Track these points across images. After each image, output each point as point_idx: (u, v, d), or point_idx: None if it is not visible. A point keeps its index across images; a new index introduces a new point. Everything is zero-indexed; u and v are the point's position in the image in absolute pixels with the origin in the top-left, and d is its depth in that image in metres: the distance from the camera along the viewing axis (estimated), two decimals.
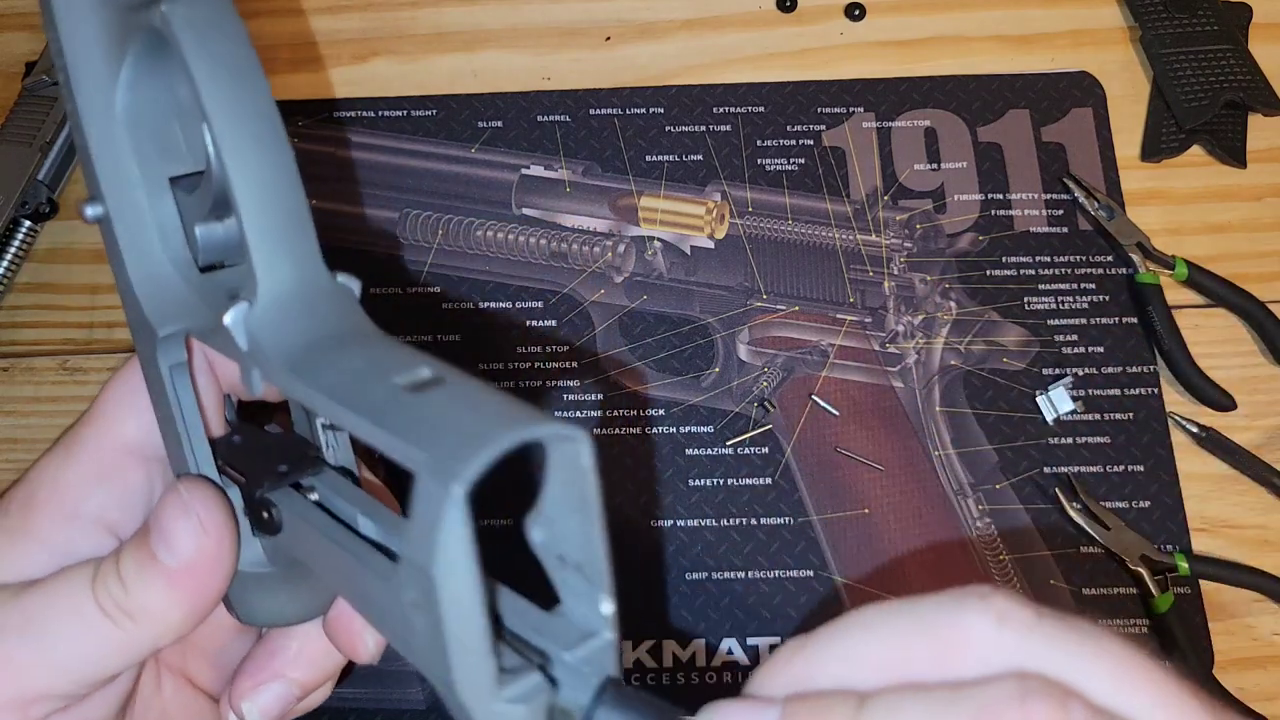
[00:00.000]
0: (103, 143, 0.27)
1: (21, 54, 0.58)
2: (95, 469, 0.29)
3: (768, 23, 0.59)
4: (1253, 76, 0.56)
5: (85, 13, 0.26)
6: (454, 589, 0.20)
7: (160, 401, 0.28)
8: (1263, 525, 0.50)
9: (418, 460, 0.20)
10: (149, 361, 0.28)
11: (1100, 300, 0.53)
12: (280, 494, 0.27)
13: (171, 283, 0.27)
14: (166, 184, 0.27)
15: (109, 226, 0.27)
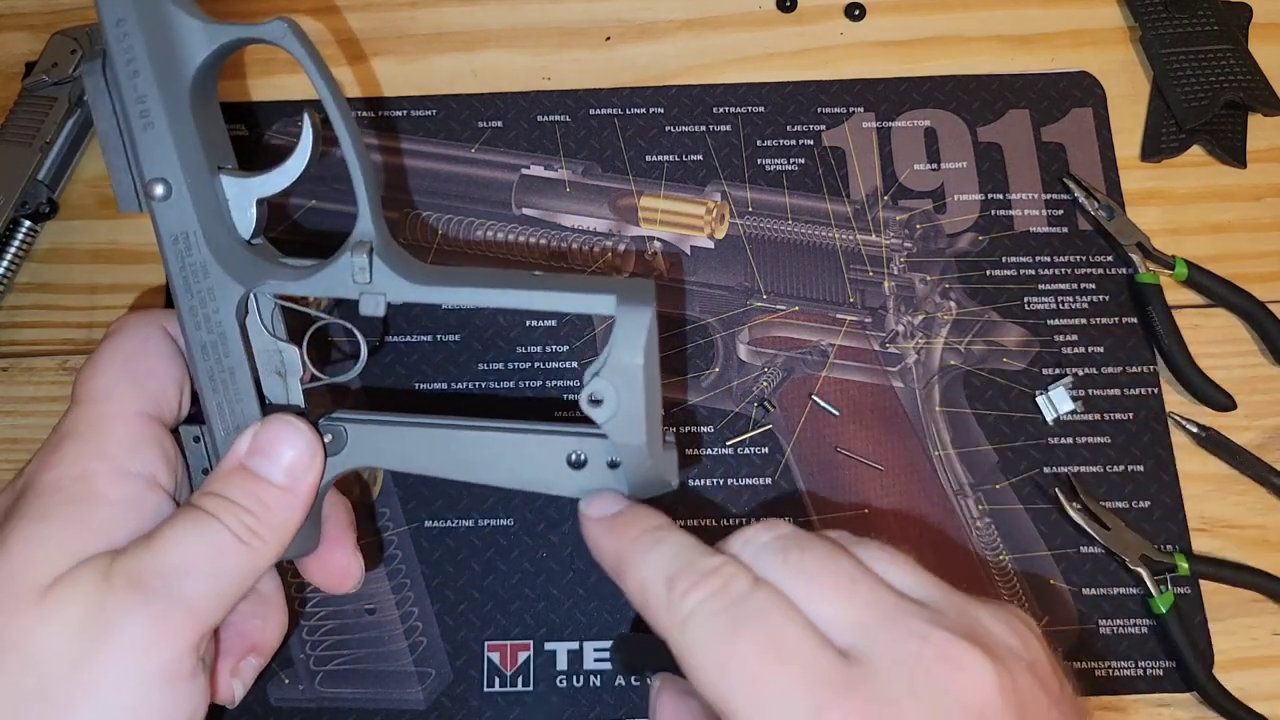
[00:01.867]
0: (178, 127, 0.31)
1: (21, 54, 0.58)
2: (132, 435, 0.32)
3: (768, 23, 0.59)
4: (1253, 76, 0.56)
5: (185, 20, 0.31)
6: (650, 375, 0.31)
7: (219, 358, 0.33)
8: (1262, 525, 0.50)
9: (605, 302, 0.31)
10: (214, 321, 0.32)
11: (1100, 300, 0.53)
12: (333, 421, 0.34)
13: (235, 250, 0.33)
14: (216, 170, 0.33)
15: (176, 205, 0.31)
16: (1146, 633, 0.48)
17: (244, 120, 0.56)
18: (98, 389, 0.33)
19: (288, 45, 0.31)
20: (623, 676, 0.47)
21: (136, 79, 0.31)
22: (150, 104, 0.31)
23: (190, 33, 0.31)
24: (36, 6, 0.60)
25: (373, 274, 0.32)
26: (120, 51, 0.31)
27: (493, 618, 0.48)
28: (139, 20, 0.30)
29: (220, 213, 0.33)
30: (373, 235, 0.32)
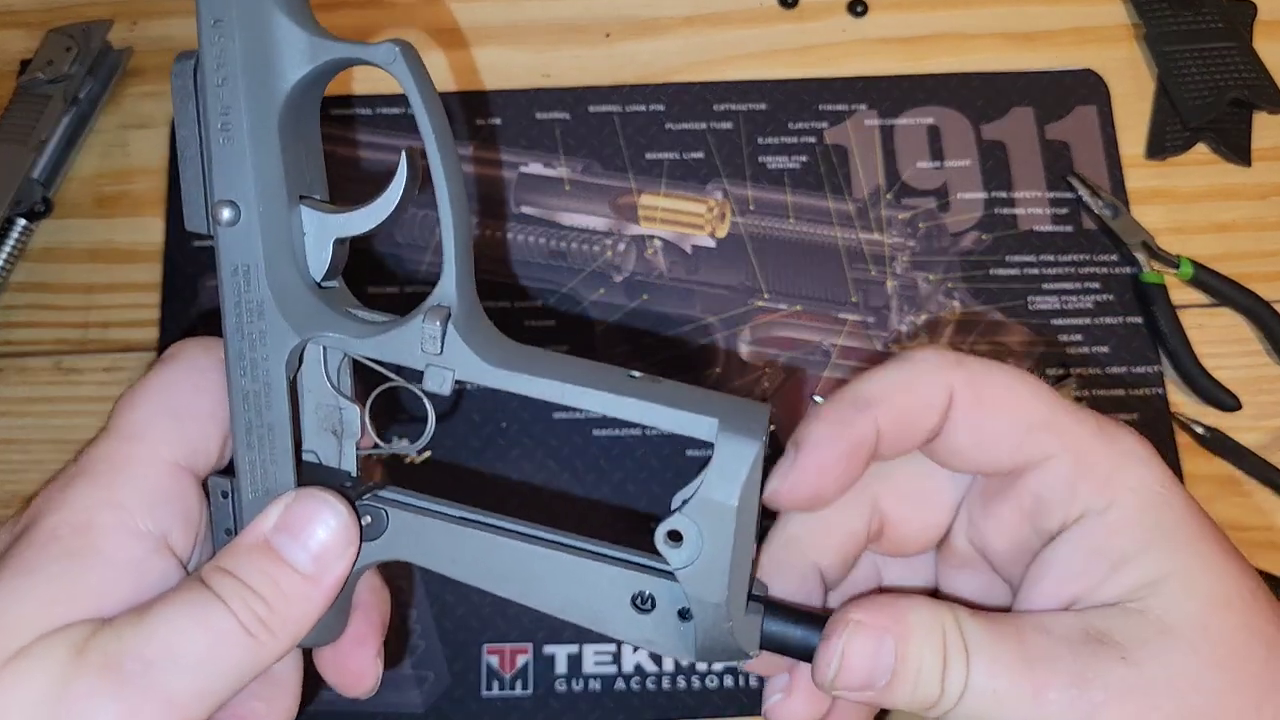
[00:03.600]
0: (261, 147, 0.28)
1: (16, 52, 0.58)
2: (154, 486, 0.29)
3: (769, 19, 0.58)
4: (1257, 74, 0.55)
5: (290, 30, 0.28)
6: (745, 521, 0.27)
7: (259, 411, 0.29)
8: (1268, 527, 0.49)
9: (706, 426, 0.26)
10: (262, 369, 0.29)
11: (1104, 300, 0.52)
12: (378, 499, 0.30)
13: (299, 293, 0.29)
14: (298, 200, 0.29)
15: (243, 233, 0.28)
16: None
17: None
18: (132, 423, 0.29)
19: (396, 72, 0.27)
20: (623, 679, 0.47)
21: (224, 87, 0.27)
22: (234, 117, 0.27)
23: (292, 45, 0.28)
24: (32, 4, 0.59)
25: (444, 346, 0.27)
26: (212, 54, 0.27)
27: (491, 621, 0.47)
28: (239, 22, 0.27)
29: (292, 248, 0.29)
30: (454, 301, 0.28)
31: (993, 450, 0.28)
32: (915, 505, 0.30)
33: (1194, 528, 0.26)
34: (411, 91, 0.28)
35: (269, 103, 0.28)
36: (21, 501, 0.49)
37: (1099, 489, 0.26)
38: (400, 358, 0.28)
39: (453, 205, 0.28)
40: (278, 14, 0.28)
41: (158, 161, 0.56)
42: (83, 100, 0.56)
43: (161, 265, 0.53)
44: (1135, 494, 0.26)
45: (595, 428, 0.50)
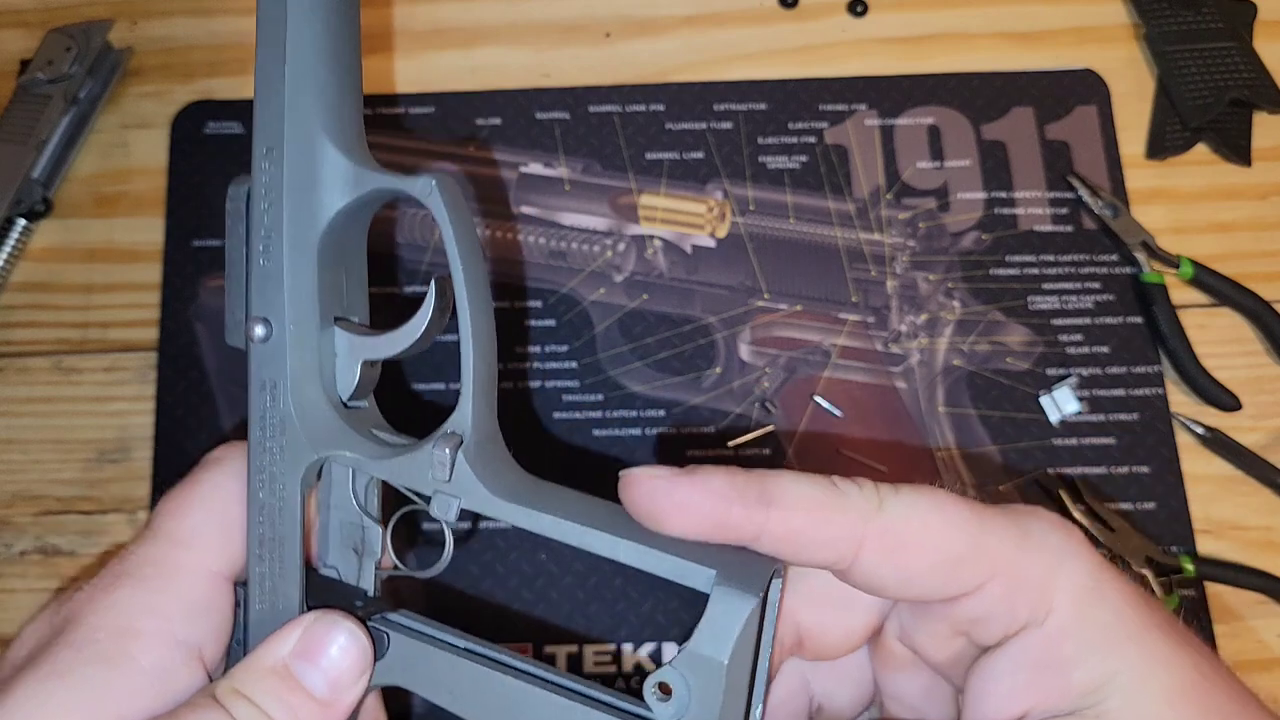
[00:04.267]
0: (297, 270, 0.29)
1: (16, 52, 0.58)
2: (197, 598, 0.29)
3: (769, 19, 0.58)
4: (1257, 74, 0.55)
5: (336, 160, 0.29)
6: (737, 680, 0.26)
7: (272, 524, 0.29)
8: (1268, 527, 0.49)
9: (703, 575, 0.26)
10: (279, 483, 0.29)
11: (1105, 300, 0.52)
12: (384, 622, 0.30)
13: (322, 411, 0.29)
14: (332, 321, 0.30)
15: (273, 350, 0.29)
16: None
17: (240, 118, 0.56)
18: (181, 530, 0.30)
19: (432, 205, 0.28)
20: (623, 680, 0.47)
21: (269, 211, 0.29)
22: (274, 240, 0.28)
23: (336, 174, 0.29)
24: (32, 4, 0.59)
25: (453, 473, 0.28)
26: (261, 180, 0.28)
27: (491, 621, 0.47)
28: (288, 151, 0.28)
29: (321, 367, 0.29)
30: (467, 430, 0.28)
31: (918, 587, 0.27)
32: (833, 611, 0.29)
33: (1134, 618, 0.25)
34: (445, 224, 0.28)
35: (310, 228, 0.29)
36: (20, 500, 0.49)
37: (1035, 602, 0.26)
38: (412, 481, 0.28)
39: (476, 339, 0.28)
40: (327, 144, 0.29)
41: (157, 161, 0.55)
42: (83, 100, 0.56)
43: (161, 265, 0.53)
44: (1070, 595, 0.26)
45: (596, 428, 0.50)
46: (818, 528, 0.26)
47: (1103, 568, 0.26)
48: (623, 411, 0.50)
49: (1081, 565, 0.26)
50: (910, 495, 0.26)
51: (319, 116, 0.28)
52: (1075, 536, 0.26)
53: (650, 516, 0.26)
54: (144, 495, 0.50)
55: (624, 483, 0.26)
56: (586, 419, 0.50)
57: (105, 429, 0.51)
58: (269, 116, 0.28)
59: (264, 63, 0.28)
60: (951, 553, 0.26)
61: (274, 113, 0.28)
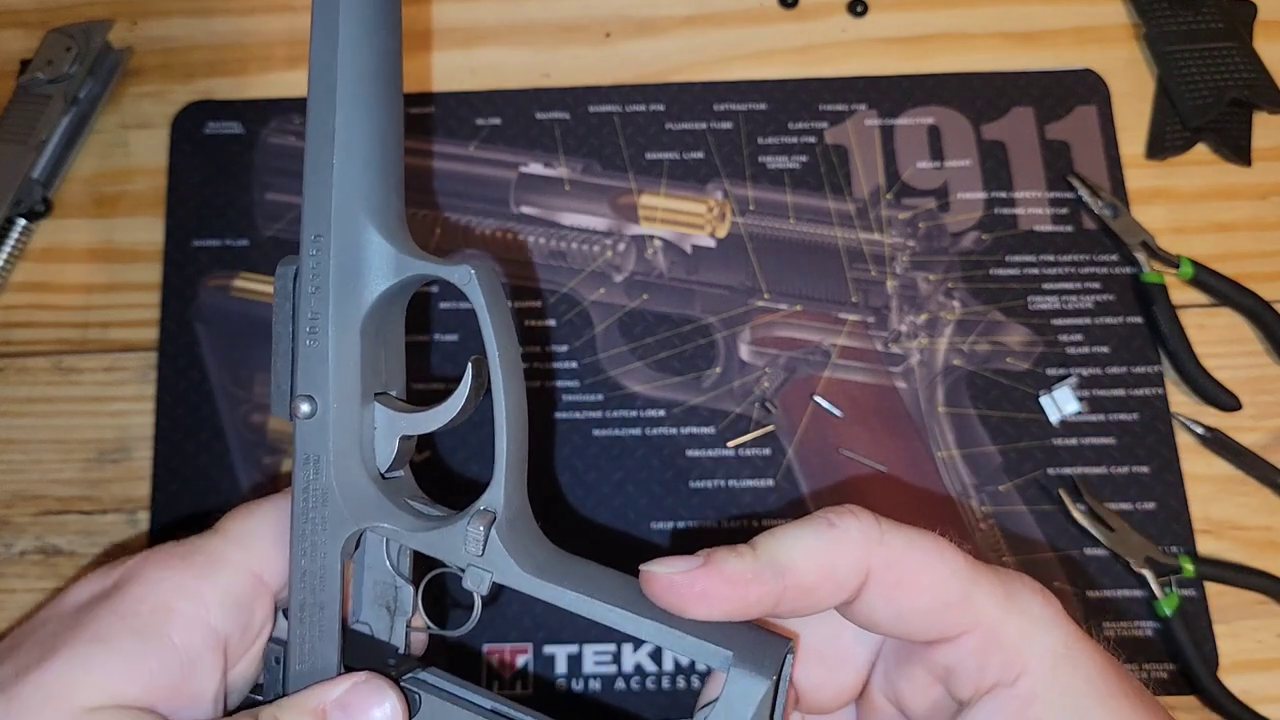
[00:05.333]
0: (341, 350, 0.30)
1: (16, 52, 0.58)
2: (235, 593, 0.31)
3: (769, 19, 0.58)
4: (1258, 74, 0.55)
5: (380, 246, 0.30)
6: None
7: (314, 590, 0.31)
8: (1268, 527, 0.49)
9: (720, 656, 0.27)
10: (320, 551, 0.31)
11: (1105, 300, 0.52)
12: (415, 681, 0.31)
13: (362, 484, 0.31)
14: (372, 396, 0.31)
15: (318, 426, 0.30)
16: (1151, 635, 0.47)
17: (240, 118, 0.56)
18: (240, 530, 0.32)
19: (470, 293, 0.29)
20: (623, 679, 0.47)
21: (316, 294, 0.30)
22: (321, 322, 0.30)
23: (380, 259, 0.30)
24: (31, 4, 0.59)
25: (486, 549, 0.29)
26: (309, 265, 0.30)
27: (491, 621, 0.47)
28: (335, 239, 0.30)
29: (361, 441, 0.31)
30: (500, 507, 0.30)
31: (909, 624, 0.28)
32: (829, 666, 0.30)
33: (1104, 687, 0.26)
34: (482, 311, 0.30)
35: (354, 310, 0.30)
36: (20, 500, 0.49)
37: (1009, 661, 0.27)
38: (446, 554, 0.30)
39: (510, 421, 0.29)
40: (371, 231, 0.30)
41: (157, 161, 0.56)
42: (83, 100, 0.56)
43: (161, 265, 0.53)
44: (1044, 660, 0.27)
45: (596, 428, 0.50)
46: (828, 576, 0.27)
47: (1079, 637, 0.27)
48: (623, 411, 0.51)
49: (1058, 633, 0.27)
50: (910, 533, 0.28)
51: (364, 205, 0.30)
52: (1055, 606, 0.28)
53: (674, 607, 0.27)
54: (144, 495, 0.50)
55: (644, 579, 0.27)
56: (586, 419, 0.50)
57: (105, 429, 0.51)
58: (317, 204, 0.30)
59: (313, 154, 0.30)
60: (945, 596, 0.27)
61: (322, 201, 0.30)
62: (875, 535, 0.28)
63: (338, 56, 0.30)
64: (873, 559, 0.27)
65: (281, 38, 0.58)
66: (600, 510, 0.49)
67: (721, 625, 0.28)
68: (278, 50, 0.58)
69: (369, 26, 0.30)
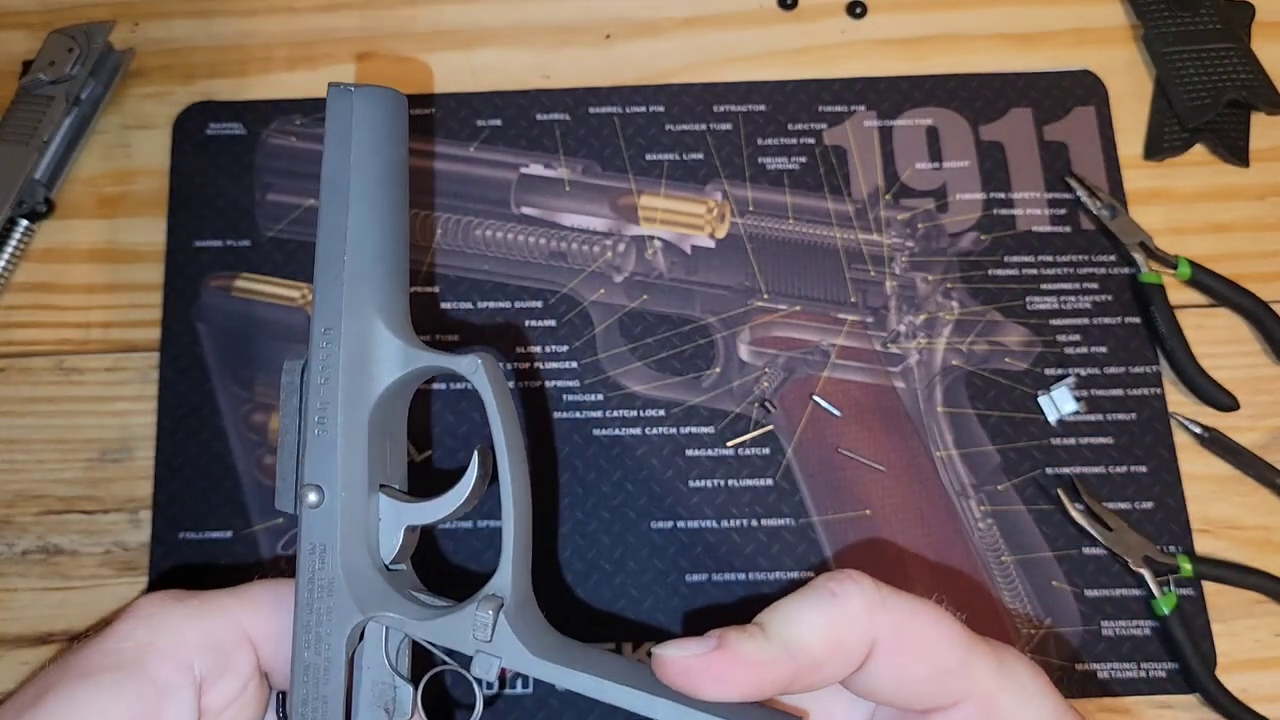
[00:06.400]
0: (350, 440, 0.31)
1: (18, 53, 0.58)
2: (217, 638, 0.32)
3: (769, 20, 0.58)
4: (1255, 75, 0.56)
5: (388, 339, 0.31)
6: None
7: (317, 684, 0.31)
8: (1266, 526, 0.49)
9: None
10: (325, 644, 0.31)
11: (1103, 300, 0.53)
12: None
13: (368, 574, 0.31)
14: (378, 487, 0.32)
15: (324, 515, 0.31)
16: (1149, 634, 0.47)
17: (241, 119, 0.56)
18: (246, 590, 0.33)
19: (477, 382, 0.31)
20: None
21: (325, 385, 0.31)
22: (329, 412, 0.31)
23: (388, 352, 0.31)
24: (34, 5, 0.59)
25: (494, 634, 0.30)
26: (319, 357, 0.31)
27: None
28: (345, 332, 0.31)
29: (366, 531, 0.32)
30: (507, 592, 0.30)
31: (908, 693, 0.28)
32: None
33: None
34: (489, 401, 0.31)
35: (362, 401, 0.31)
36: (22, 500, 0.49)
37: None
38: (453, 642, 0.30)
39: (516, 508, 0.30)
40: (380, 326, 0.31)
41: (159, 162, 0.56)
42: (85, 101, 0.56)
43: (163, 265, 0.54)
44: None
45: (596, 428, 0.50)
46: (837, 650, 0.28)
47: (1066, 710, 0.28)
48: (623, 411, 0.51)
49: (1047, 704, 0.28)
50: (911, 600, 0.28)
51: (373, 300, 0.31)
52: (1043, 677, 0.29)
53: (689, 690, 0.28)
54: (146, 495, 0.50)
55: (657, 664, 0.28)
56: (586, 419, 0.51)
57: (107, 429, 0.51)
58: (328, 300, 0.31)
59: (325, 252, 0.31)
60: (945, 664, 0.28)
61: (333, 297, 0.31)
62: (878, 601, 0.28)
63: (350, 163, 0.31)
64: (877, 627, 0.28)
65: (282, 39, 0.58)
66: (600, 509, 0.49)
67: (733, 709, 0.28)
68: (279, 51, 0.58)
69: (379, 137, 0.32)
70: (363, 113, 0.32)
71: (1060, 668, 0.47)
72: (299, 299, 0.53)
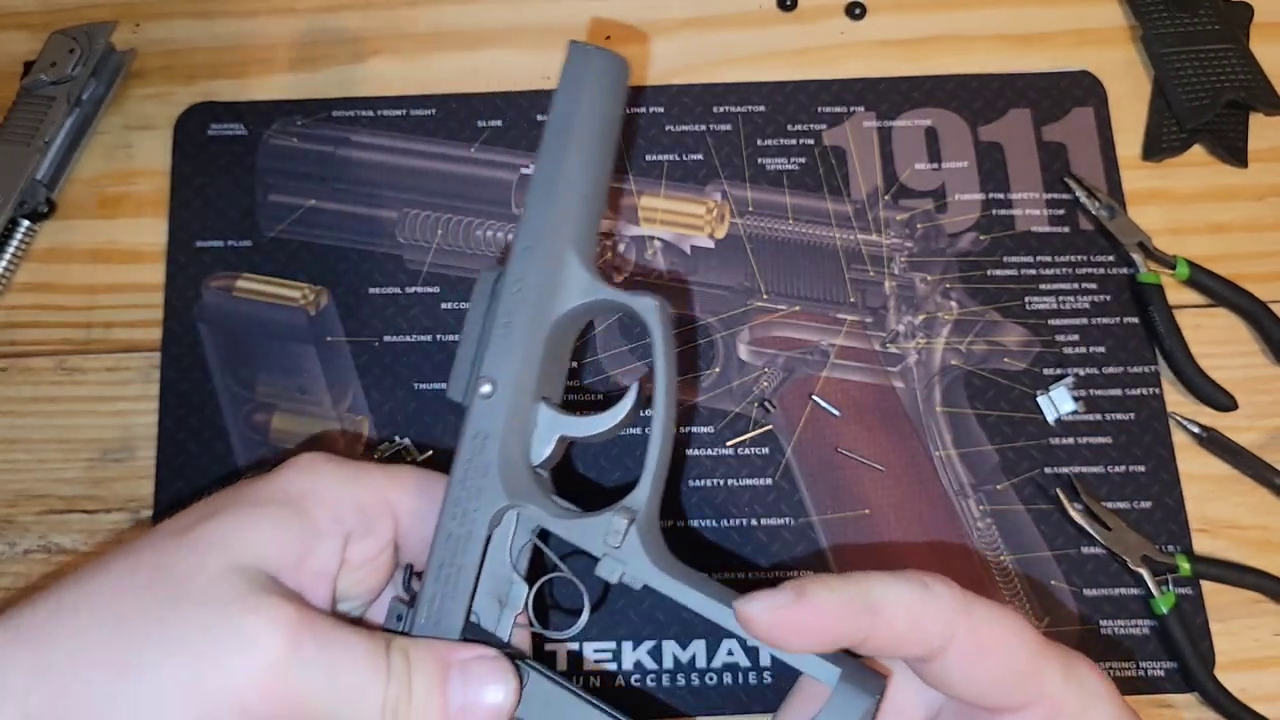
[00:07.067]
0: (528, 346, 0.34)
1: (20, 53, 0.58)
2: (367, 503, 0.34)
3: (768, 21, 0.59)
4: (1254, 76, 0.56)
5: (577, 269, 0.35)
6: None
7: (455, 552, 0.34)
8: (1264, 526, 0.49)
9: (829, 671, 0.30)
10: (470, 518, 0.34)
11: (1101, 300, 0.53)
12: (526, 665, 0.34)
13: (519, 469, 0.34)
14: (540, 397, 0.35)
15: (493, 407, 0.34)
16: (1148, 633, 0.48)
17: (242, 119, 0.56)
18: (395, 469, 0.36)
19: (650, 322, 0.34)
20: (623, 678, 0.47)
21: (517, 295, 0.34)
22: (516, 318, 0.34)
23: (575, 280, 0.35)
24: (35, 5, 0.60)
25: (624, 542, 0.33)
26: (516, 270, 0.35)
27: None
28: (544, 251, 0.35)
29: (524, 433, 0.35)
30: (642, 507, 0.33)
31: (982, 690, 0.30)
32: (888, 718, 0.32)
33: None
34: (657, 342, 0.34)
35: (544, 316, 0.35)
36: (24, 499, 0.49)
37: None
38: (584, 542, 0.33)
39: (663, 436, 0.34)
40: (572, 255, 0.35)
41: (160, 163, 0.56)
42: (86, 102, 0.56)
43: (164, 266, 0.54)
44: None
45: None
46: (916, 628, 0.29)
47: (1129, 712, 0.30)
48: None
49: (1112, 708, 0.30)
50: (993, 607, 0.30)
51: (571, 233, 0.35)
52: (1109, 683, 0.30)
53: (774, 642, 0.29)
54: (147, 494, 0.50)
55: (742, 617, 0.29)
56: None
57: (109, 429, 0.51)
58: (536, 222, 0.35)
59: (540, 182, 0.35)
60: (1018, 668, 0.29)
61: (541, 220, 0.35)
62: (962, 605, 0.29)
63: (578, 111, 0.35)
64: (957, 625, 0.29)
65: (284, 40, 0.58)
66: None
67: None
68: (280, 52, 0.58)
69: (604, 94, 0.36)
70: (596, 71, 0.36)
71: None
72: (300, 299, 0.53)
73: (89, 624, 0.29)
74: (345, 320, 0.52)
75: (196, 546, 0.31)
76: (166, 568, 0.31)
